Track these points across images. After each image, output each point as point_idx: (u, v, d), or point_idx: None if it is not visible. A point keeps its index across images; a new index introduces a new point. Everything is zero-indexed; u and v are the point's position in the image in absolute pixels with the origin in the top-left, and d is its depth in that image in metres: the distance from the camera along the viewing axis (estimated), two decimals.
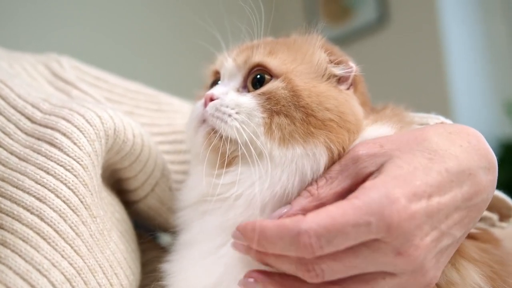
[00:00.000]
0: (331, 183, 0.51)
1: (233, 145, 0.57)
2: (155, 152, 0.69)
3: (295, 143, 0.55)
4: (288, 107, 0.56)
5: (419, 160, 0.49)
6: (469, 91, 2.54)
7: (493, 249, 0.57)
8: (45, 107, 0.61)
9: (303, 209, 0.51)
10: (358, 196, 0.46)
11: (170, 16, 2.71)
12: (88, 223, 0.56)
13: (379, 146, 0.51)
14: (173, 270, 0.59)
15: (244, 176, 0.56)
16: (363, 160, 0.50)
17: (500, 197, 0.64)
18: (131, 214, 0.70)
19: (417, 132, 0.52)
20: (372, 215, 0.44)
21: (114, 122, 0.62)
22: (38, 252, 0.50)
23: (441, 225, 0.47)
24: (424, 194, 0.46)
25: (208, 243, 0.58)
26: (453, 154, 0.50)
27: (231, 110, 0.58)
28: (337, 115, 0.55)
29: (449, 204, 0.47)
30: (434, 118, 0.61)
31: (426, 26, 2.54)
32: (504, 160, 2.14)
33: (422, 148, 0.50)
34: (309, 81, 0.58)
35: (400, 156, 0.49)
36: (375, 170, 0.50)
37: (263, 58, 0.60)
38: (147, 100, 0.86)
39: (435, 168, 0.48)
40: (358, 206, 0.44)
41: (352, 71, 0.61)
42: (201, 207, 0.60)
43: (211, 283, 0.54)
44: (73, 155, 0.56)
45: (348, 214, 0.44)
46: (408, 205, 0.45)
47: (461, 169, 0.49)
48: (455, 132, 0.53)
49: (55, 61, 0.79)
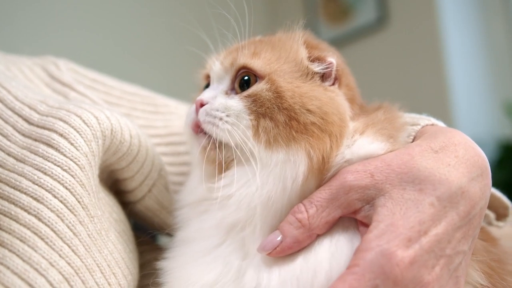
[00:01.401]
0: (321, 212, 0.52)
1: (228, 150, 0.58)
2: (152, 153, 0.69)
3: (279, 147, 0.55)
4: (272, 109, 0.56)
5: (409, 195, 0.49)
6: (469, 92, 2.54)
7: (491, 247, 0.57)
8: (42, 108, 0.62)
9: (297, 241, 0.52)
10: (358, 264, 0.46)
11: (166, 18, 2.71)
12: (86, 222, 0.56)
13: (370, 176, 0.51)
14: (171, 267, 0.59)
15: (238, 177, 0.57)
16: (355, 191, 0.51)
17: (496, 196, 0.64)
18: (129, 215, 0.71)
19: (405, 157, 0.52)
20: (376, 277, 0.45)
21: (111, 123, 0.63)
22: (35, 251, 0.51)
23: (445, 251, 0.48)
24: (419, 234, 0.47)
25: (205, 242, 0.58)
26: (443, 177, 0.50)
27: (221, 114, 0.58)
28: (319, 117, 0.55)
29: (447, 230, 0.48)
30: (425, 119, 0.61)
31: (426, 27, 2.54)
32: (503, 161, 2.13)
33: (411, 179, 0.50)
34: (293, 80, 0.58)
35: (391, 192, 0.50)
36: (366, 205, 0.51)
37: (247, 60, 0.60)
38: (143, 102, 0.87)
39: (426, 200, 0.49)
40: (361, 275, 0.45)
41: (332, 67, 0.60)
42: (199, 207, 0.61)
43: (208, 281, 0.55)
44: (70, 156, 0.57)
45: (354, 286, 0.45)
46: (405, 254, 0.46)
47: (452, 192, 0.49)
48: (441, 148, 0.53)
49: (52, 64, 0.80)
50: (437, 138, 0.54)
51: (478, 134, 2.18)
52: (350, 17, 2.90)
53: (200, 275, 0.56)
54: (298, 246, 0.52)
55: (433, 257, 0.47)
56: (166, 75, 2.53)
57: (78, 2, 2.44)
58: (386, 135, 0.56)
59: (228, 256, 0.56)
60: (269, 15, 2.76)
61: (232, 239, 0.57)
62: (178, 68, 2.22)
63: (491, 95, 2.61)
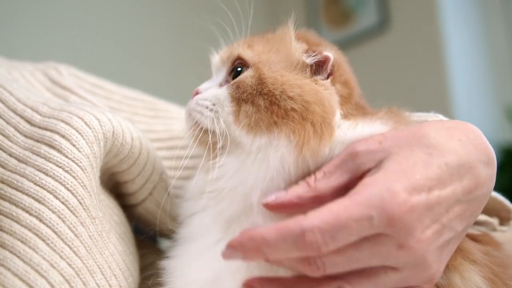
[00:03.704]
0: (329, 177, 0.51)
1: (213, 136, 0.59)
2: (153, 156, 0.70)
3: (261, 132, 0.56)
4: (254, 95, 0.57)
5: (418, 155, 0.49)
6: (470, 96, 2.54)
7: (494, 252, 0.57)
8: (44, 110, 0.62)
9: (299, 197, 0.51)
10: (359, 192, 0.46)
11: (166, 18, 2.71)
12: (87, 224, 0.56)
13: (378, 143, 0.51)
14: (172, 266, 0.59)
15: (227, 168, 0.58)
16: (362, 156, 0.50)
17: (498, 199, 0.64)
18: (130, 218, 0.71)
19: (414, 129, 0.52)
20: (374, 209, 0.44)
21: (113, 125, 0.63)
22: (36, 253, 0.51)
23: (442, 218, 0.47)
24: (424, 188, 0.46)
25: (206, 238, 0.58)
26: (452, 148, 0.50)
27: (208, 103, 0.61)
28: (300, 105, 0.55)
29: (449, 197, 0.48)
30: (433, 116, 0.61)
31: (427, 31, 2.54)
32: (504, 165, 2.13)
33: (420, 144, 0.50)
34: (279, 70, 0.59)
35: (399, 152, 0.49)
36: (373, 167, 0.50)
37: (241, 50, 0.62)
38: (144, 106, 0.87)
39: (435, 162, 0.48)
40: (360, 201, 0.45)
41: (327, 61, 0.60)
42: (200, 201, 0.61)
43: (209, 278, 0.55)
44: (72, 157, 0.57)
45: (350, 209, 0.44)
46: (408, 198, 0.45)
47: (460, 163, 0.49)
48: (453, 127, 0.53)
49: (53, 69, 0.80)
50: (449, 121, 0.55)
51: None
52: (352, 20, 2.91)
53: (200, 273, 0.56)
54: (299, 204, 0.51)
55: (430, 218, 0.46)
56: (166, 75, 2.54)
57: (78, 2, 2.45)
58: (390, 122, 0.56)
59: None
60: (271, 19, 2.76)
61: (231, 234, 0.56)
62: (178, 68, 2.23)
63: (492, 99, 2.61)
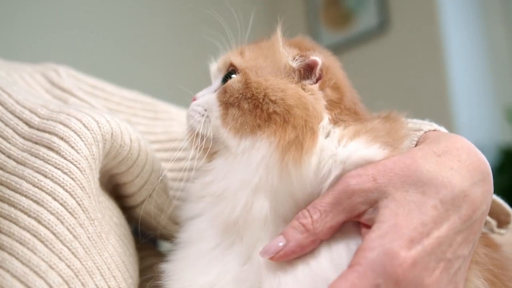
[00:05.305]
0: (325, 217, 0.51)
1: (207, 141, 0.61)
2: (152, 157, 0.70)
3: (246, 134, 0.57)
4: (240, 98, 0.59)
5: (412, 197, 0.49)
6: (470, 97, 2.54)
7: (493, 253, 0.57)
8: (43, 112, 0.62)
9: (300, 245, 0.52)
10: (360, 262, 0.46)
11: (166, 18, 2.71)
12: (86, 225, 0.56)
13: (373, 180, 0.51)
14: (170, 270, 0.59)
15: (217, 170, 0.59)
16: (358, 195, 0.51)
17: (498, 203, 0.64)
18: (130, 220, 0.71)
19: (407, 161, 0.52)
20: (378, 277, 0.45)
21: (111, 127, 0.63)
22: (35, 254, 0.50)
23: (446, 255, 0.48)
24: (422, 235, 0.47)
25: (203, 243, 0.58)
26: (446, 180, 0.50)
27: (200, 108, 0.63)
28: (283, 108, 0.56)
29: (448, 233, 0.48)
30: (428, 125, 0.61)
31: (427, 32, 2.55)
32: (504, 166, 2.13)
33: (414, 181, 0.50)
34: (264, 75, 0.60)
35: (394, 194, 0.50)
36: (369, 208, 0.50)
37: (233, 57, 0.64)
38: (144, 108, 0.87)
39: (429, 202, 0.49)
40: (363, 273, 0.45)
41: (315, 65, 0.60)
42: (199, 204, 0.61)
43: (207, 283, 0.55)
44: (70, 158, 0.57)
45: (356, 285, 0.45)
46: (407, 254, 0.46)
47: (455, 195, 0.49)
48: (444, 151, 0.53)
49: (53, 70, 0.80)
50: (440, 143, 0.54)
51: (479, 140, 2.16)
52: (352, 22, 2.91)
53: (197, 278, 0.56)
54: (301, 251, 0.52)
55: (434, 260, 0.47)
56: (166, 75, 2.53)
57: (78, 2, 2.45)
58: (383, 142, 0.55)
59: (226, 258, 0.56)
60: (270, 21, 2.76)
61: (228, 239, 0.57)
62: (178, 69, 2.23)
63: (492, 101, 2.61)
